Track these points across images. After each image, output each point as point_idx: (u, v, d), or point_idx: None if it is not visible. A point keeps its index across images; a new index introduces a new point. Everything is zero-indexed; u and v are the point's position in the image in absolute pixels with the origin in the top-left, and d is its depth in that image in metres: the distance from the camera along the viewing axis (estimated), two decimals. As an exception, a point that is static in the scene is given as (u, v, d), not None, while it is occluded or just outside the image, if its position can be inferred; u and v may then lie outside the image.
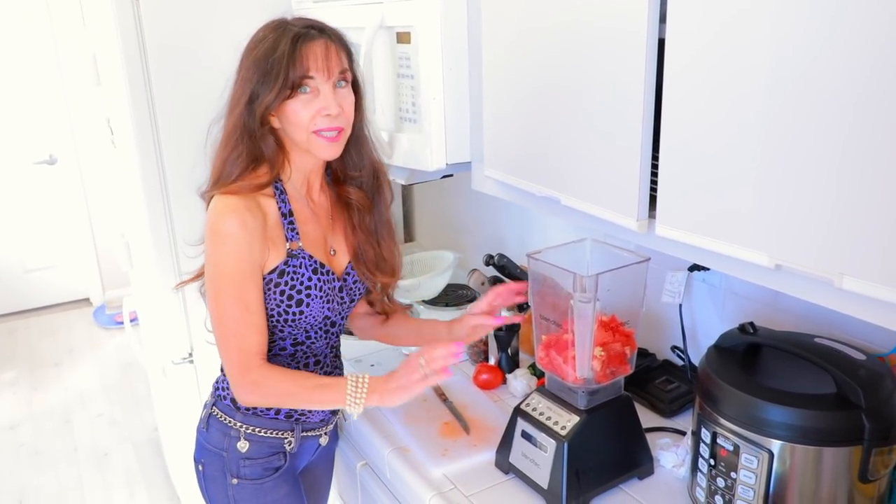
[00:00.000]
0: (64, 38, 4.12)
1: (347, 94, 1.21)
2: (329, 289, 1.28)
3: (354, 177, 1.33)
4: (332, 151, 1.22)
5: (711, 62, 0.89)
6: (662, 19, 0.97)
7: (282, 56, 1.14)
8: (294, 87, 1.15)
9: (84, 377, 3.77)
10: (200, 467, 1.37)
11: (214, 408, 1.34)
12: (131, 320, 2.83)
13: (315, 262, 1.25)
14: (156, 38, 1.78)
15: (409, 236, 2.59)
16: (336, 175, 1.34)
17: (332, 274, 1.29)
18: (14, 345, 4.14)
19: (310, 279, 1.24)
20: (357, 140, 1.30)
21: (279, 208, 1.23)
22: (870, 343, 1.16)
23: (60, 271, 4.57)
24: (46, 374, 3.81)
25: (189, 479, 2.31)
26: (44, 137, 4.28)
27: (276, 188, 1.24)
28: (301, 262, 1.23)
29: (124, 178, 2.19)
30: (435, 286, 1.99)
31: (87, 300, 4.67)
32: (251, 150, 1.21)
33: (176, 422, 2.32)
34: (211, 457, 1.34)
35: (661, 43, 0.97)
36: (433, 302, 2.02)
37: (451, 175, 1.61)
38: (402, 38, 1.44)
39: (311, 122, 1.17)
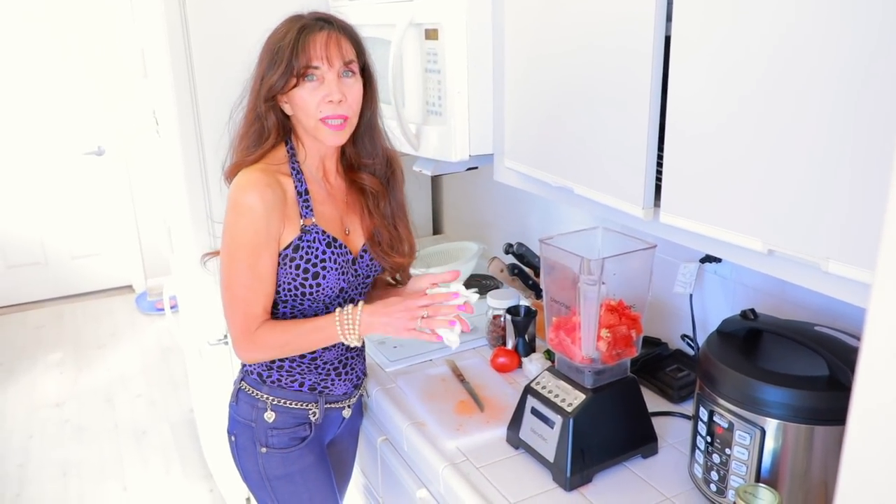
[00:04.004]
0: (114, 32, 4.30)
1: (353, 84, 1.29)
2: (343, 261, 1.36)
3: (368, 164, 1.41)
4: (337, 139, 1.30)
5: (713, 62, 0.95)
6: (669, 18, 1.03)
7: (287, 44, 1.24)
8: (299, 75, 1.25)
9: (125, 360, 3.93)
10: (233, 438, 1.46)
11: (243, 382, 1.44)
12: (171, 307, 2.97)
13: (328, 236, 1.33)
14: (200, 33, 1.89)
15: (437, 229, 2.66)
16: (350, 162, 1.42)
17: (346, 248, 1.37)
18: (61, 327, 4.33)
19: (324, 252, 1.32)
20: (370, 129, 1.39)
21: (296, 187, 1.31)
22: (870, 333, 1.19)
23: (106, 259, 4.76)
24: (90, 355, 3.98)
25: (221, 456, 2.42)
26: (93, 130, 4.47)
27: (293, 169, 1.32)
28: (315, 237, 1.31)
29: (167, 165, 2.31)
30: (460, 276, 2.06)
31: (129, 287, 4.85)
32: (261, 129, 1.31)
33: (210, 401, 2.44)
34: (241, 428, 1.44)
35: (668, 40, 1.03)
36: (457, 290, 2.08)
37: (476, 168, 1.68)
38: (430, 34, 1.52)
39: (317, 109, 1.26)
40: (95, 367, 3.85)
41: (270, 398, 1.40)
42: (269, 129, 1.31)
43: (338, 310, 1.30)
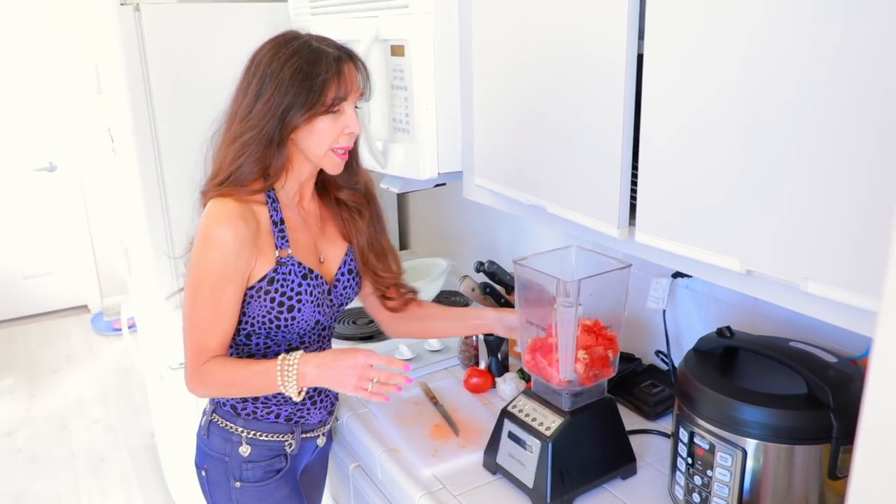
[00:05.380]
0: (66, 46, 4.17)
1: (359, 115, 1.28)
2: (319, 293, 1.31)
3: (352, 183, 1.38)
4: (341, 167, 1.29)
5: (686, 81, 0.94)
6: (641, 35, 1.02)
7: (326, 77, 1.19)
8: (330, 106, 1.21)
9: (81, 383, 3.79)
10: (203, 473, 1.40)
11: (214, 414, 1.38)
12: (129, 327, 2.87)
13: (304, 267, 1.29)
14: (156, 48, 1.83)
15: (403, 244, 2.63)
16: (330, 182, 1.38)
17: (322, 279, 1.32)
18: (12, 351, 4.17)
19: (300, 285, 1.28)
20: (355, 154, 1.36)
21: (271, 216, 1.26)
22: (844, 347, 1.20)
23: (59, 278, 4.60)
24: (44, 380, 3.83)
25: (185, 484, 2.34)
26: (44, 144, 4.33)
27: (269, 196, 1.27)
28: (290, 269, 1.27)
29: (124, 185, 2.23)
30: (428, 293, 2.03)
31: (85, 307, 4.70)
32: (268, 158, 1.23)
33: (173, 427, 2.36)
34: (213, 462, 1.38)
35: (641, 58, 1.02)
36: (426, 308, 2.05)
37: (444, 184, 1.66)
38: (397, 50, 1.49)
39: (335, 139, 1.23)
40: (49, 393, 3.70)
41: (246, 431, 1.35)
42: (281, 163, 1.24)
43: (281, 356, 1.22)
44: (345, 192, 1.38)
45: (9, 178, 4.30)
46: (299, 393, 1.21)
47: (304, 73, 1.18)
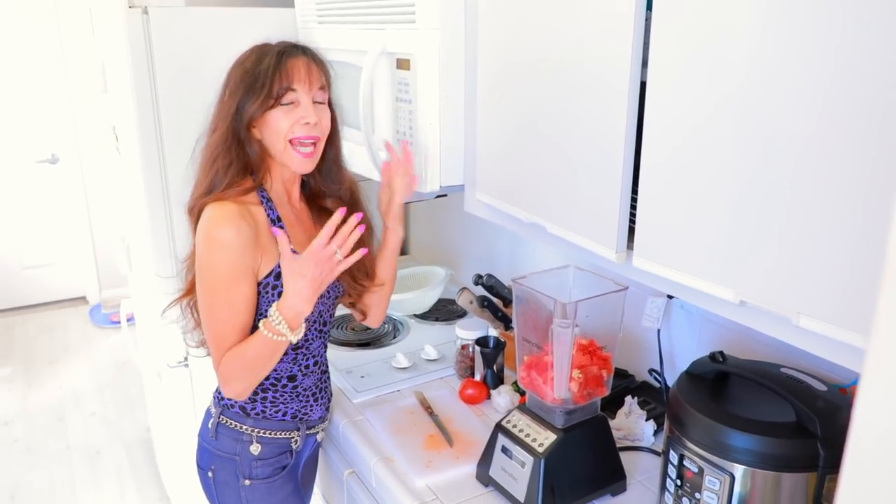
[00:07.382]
0: (71, 42, 4.18)
1: (325, 110, 1.31)
2: None
3: (334, 190, 1.43)
4: (306, 166, 1.30)
5: (688, 108, 0.95)
6: (644, 63, 1.03)
7: (267, 68, 1.24)
8: (278, 97, 1.25)
9: (78, 375, 3.81)
10: (210, 474, 1.43)
11: (223, 416, 1.41)
12: (128, 319, 2.88)
13: None
14: (163, 51, 1.84)
15: (404, 250, 2.64)
16: (315, 190, 1.42)
17: None
18: (10, 341, 4.19)
19: None
20: (336, 158, 1.40)
21: (268, 215, 1.30)
22: (835, 374, 1.22)
23: (58, 269, 4.62)
24: (41, 371, 3.85)
25: (180, 479, 2.36)
26: (47, 137, 4.34)
27: (262, 196, 1.31)
28: None
29: (127, 184, 2.25)
30: (427, 300, 2.05)
31: (83, 298, 4.71)
32: (240, 158, 1.28)
33: (169, 424, 2.37)
34: (222, 462, 1.41)
35: (643, 85, 1.04)
36: (424, 316, 2.07)
37: (445, 195, 1.67)
38: (402, 64, 1.50)
39: (289, 130, 1.26)
40: (46, 384, 3.72)
41: (256, 430, 1.39)
42: (255, 159, 1.29)
43: (262, 323, 1.24)
44: (329, 200, 1.42)
45: (11, 169, 4.31)
46: (299, 330, 1.25)
47: (249, 70, 1.25)
